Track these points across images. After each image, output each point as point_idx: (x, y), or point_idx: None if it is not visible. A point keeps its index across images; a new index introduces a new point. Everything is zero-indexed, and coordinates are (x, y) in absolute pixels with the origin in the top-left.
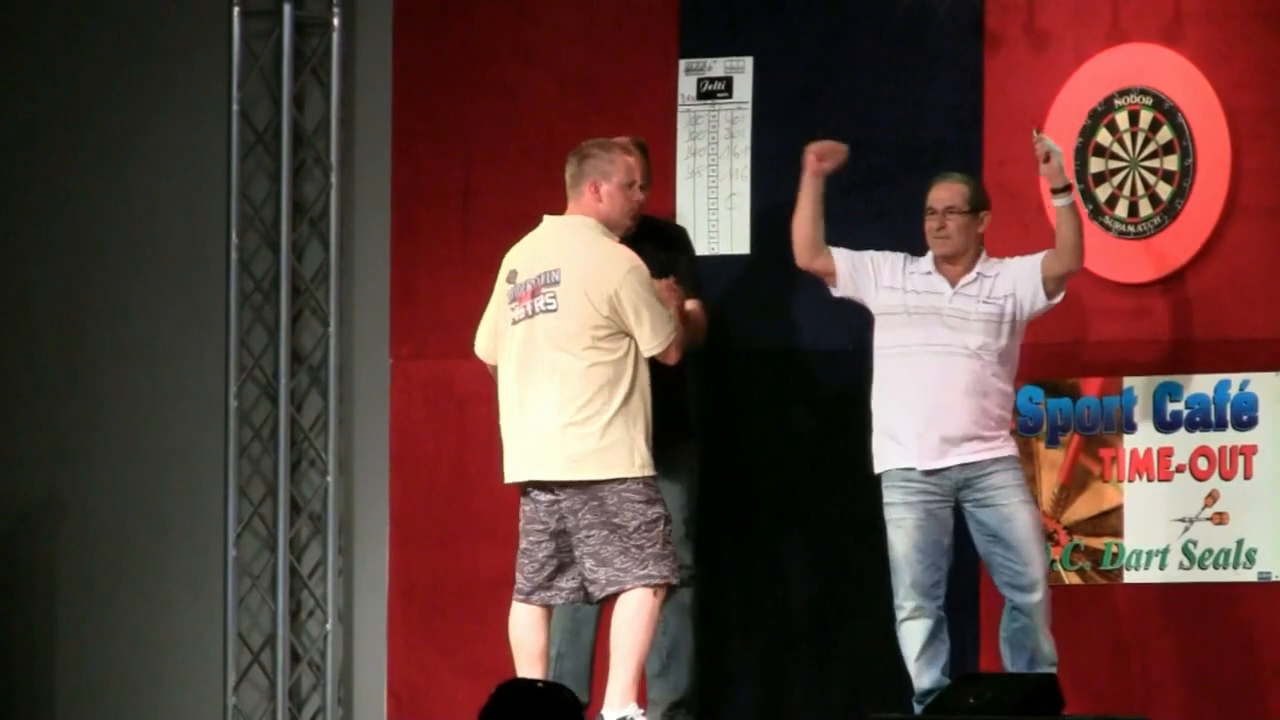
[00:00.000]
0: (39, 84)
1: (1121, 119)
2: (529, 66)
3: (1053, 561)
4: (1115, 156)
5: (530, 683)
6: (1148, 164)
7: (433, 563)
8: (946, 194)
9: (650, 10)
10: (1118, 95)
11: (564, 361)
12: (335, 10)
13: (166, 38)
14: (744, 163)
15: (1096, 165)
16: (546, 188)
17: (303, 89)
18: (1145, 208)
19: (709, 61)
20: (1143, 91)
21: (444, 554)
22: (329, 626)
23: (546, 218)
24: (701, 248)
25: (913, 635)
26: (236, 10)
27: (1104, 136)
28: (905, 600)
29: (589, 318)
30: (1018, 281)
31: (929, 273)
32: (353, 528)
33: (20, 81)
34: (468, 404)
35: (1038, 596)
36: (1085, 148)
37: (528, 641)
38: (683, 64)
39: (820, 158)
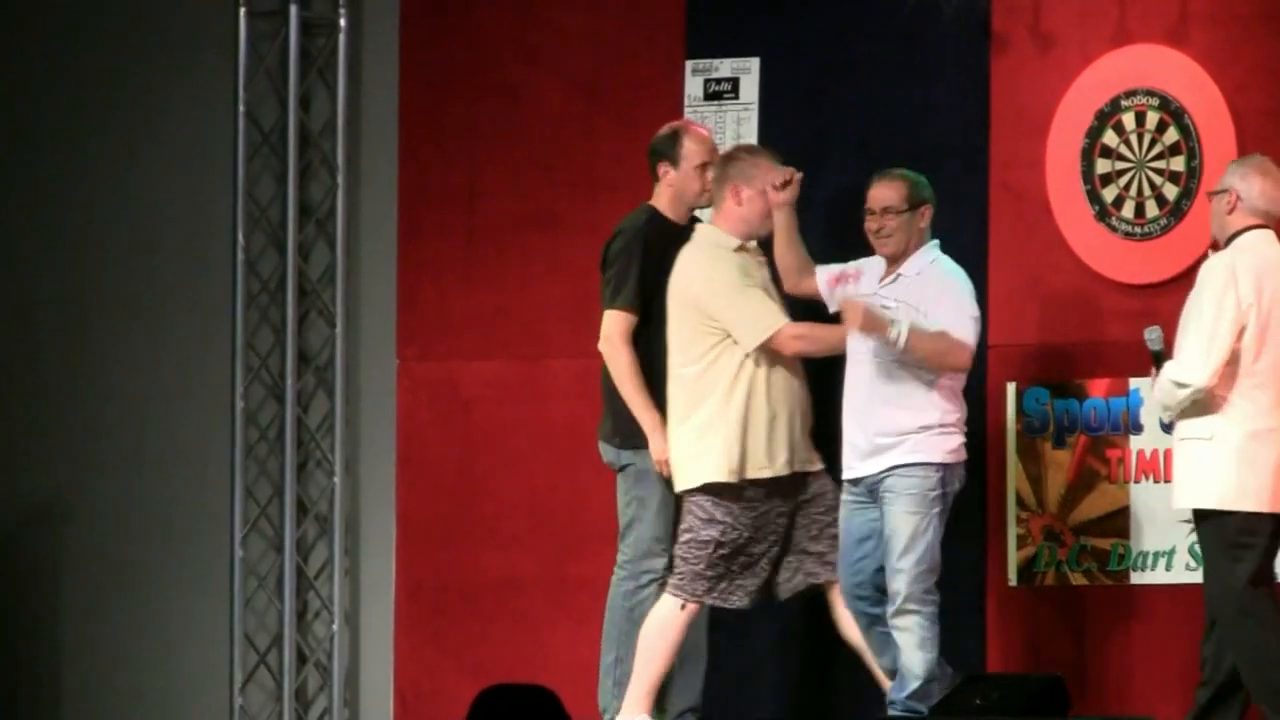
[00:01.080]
0: (45, 84)
1: (1128, 120)
2: (535, 68)
3: (1059, 563)
4: (1122, 158)
5: (510, 686)
6: (1154, 165)
7: (439, 563)
8: (885, 193)
9: (656, 11)
10: (1124, 96)
11: (670, 370)
12: (342, 11)
13: (172, 38)
14: None
15: (1103, 166)
16: (551, 189)
17: (309, 90)
18: (1152, 209)
19: (715, 62)
20: (1149, 93)
21: (450, 555)
22: (335, 627)
23: None
24: None
25: None
26: (242, 11)
27: (1110, 138)
28: None
29: (676, 326)
30: (933, 306)
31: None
32: (359, 528)
33: (26, 82)
34: (474, 405)
35: (893, 608)
36: (1091, 149)
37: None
38: (689, 65)
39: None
